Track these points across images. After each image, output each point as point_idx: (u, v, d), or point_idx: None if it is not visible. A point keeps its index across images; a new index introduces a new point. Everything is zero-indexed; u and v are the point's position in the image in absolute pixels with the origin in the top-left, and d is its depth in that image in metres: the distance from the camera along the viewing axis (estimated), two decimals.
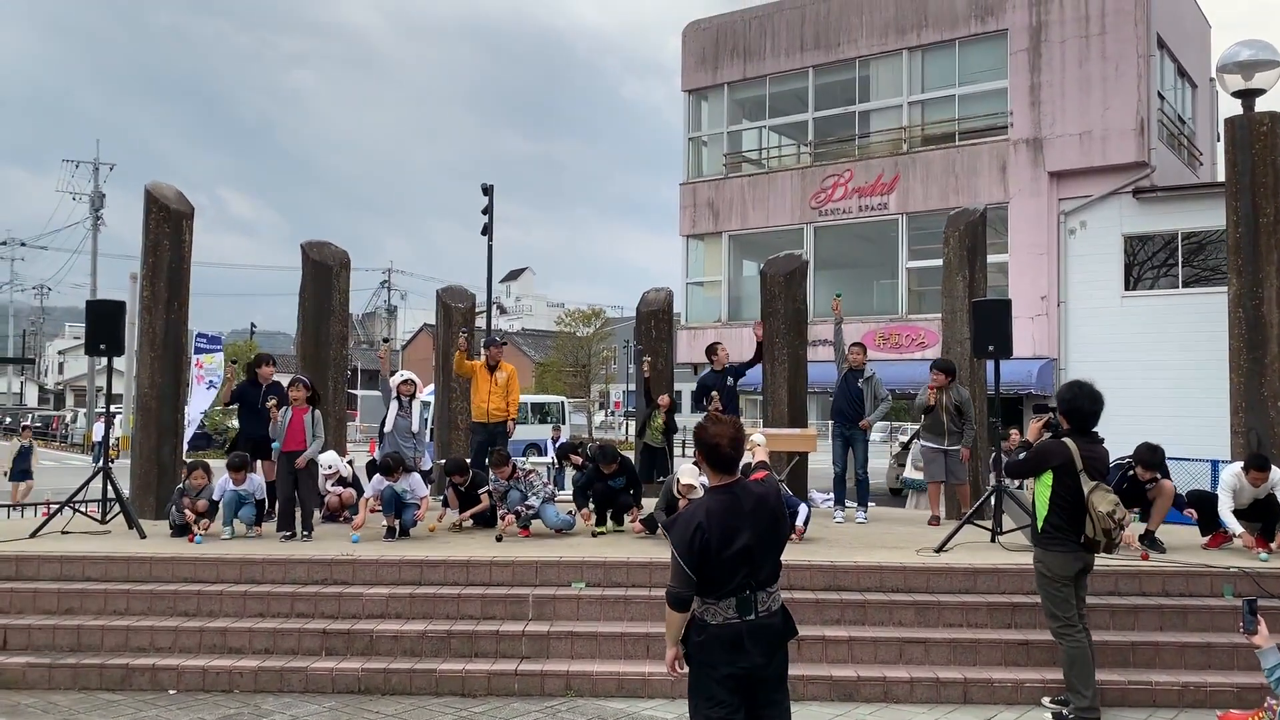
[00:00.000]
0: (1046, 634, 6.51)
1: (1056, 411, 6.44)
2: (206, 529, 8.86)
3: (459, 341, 11.26)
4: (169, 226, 10.74)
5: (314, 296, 11.75)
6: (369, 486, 9.40)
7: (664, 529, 8.18)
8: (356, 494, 10.26)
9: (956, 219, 11.67)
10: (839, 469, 10.65)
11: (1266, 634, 5.78)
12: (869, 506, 10.82)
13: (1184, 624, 7.23)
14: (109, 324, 9.62)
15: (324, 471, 9.94)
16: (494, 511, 9.47)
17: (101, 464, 9.59)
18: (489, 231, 28.20)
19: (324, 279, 11.77)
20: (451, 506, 9.89)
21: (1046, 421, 6.90)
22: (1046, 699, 6.51)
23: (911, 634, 7.13)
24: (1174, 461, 9.27)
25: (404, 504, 9.10)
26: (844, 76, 23.20)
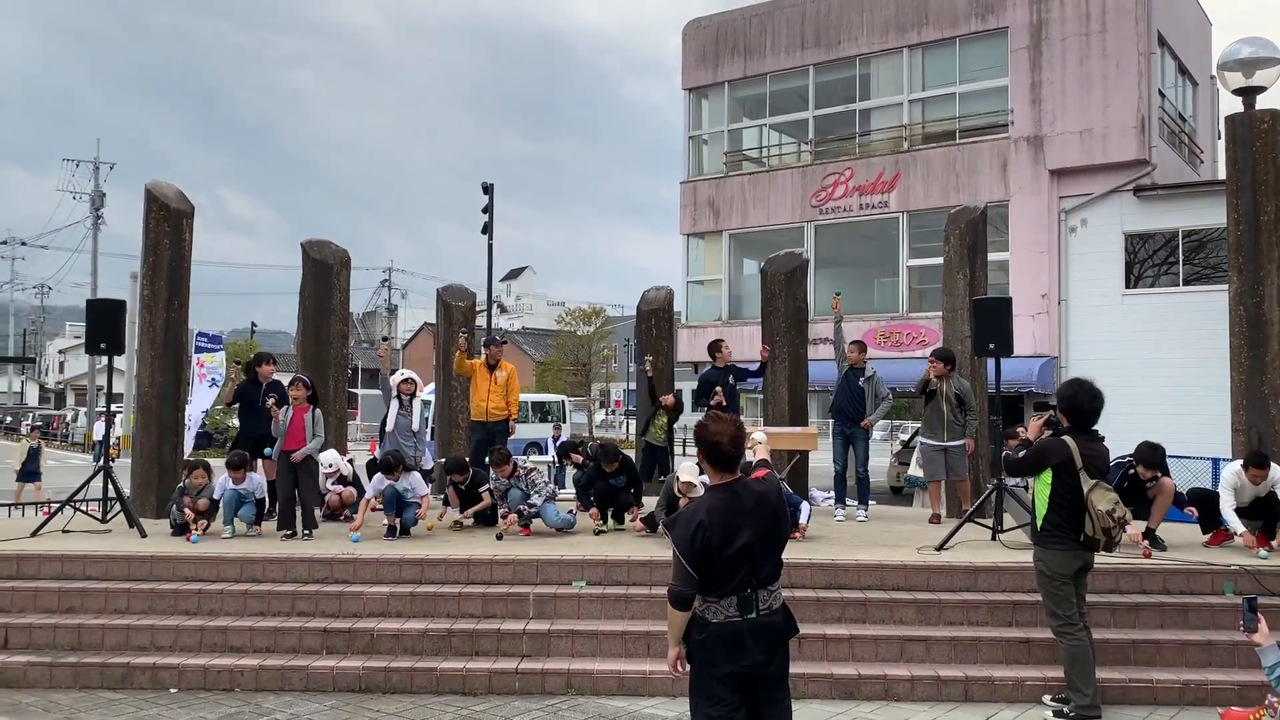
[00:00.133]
0: (1047, 632, 6.51)
1: (1057, 409, 6.44)
2: (206, 529, 8.87)
3: (459, 341, 11.26)
4: (169, 225, 10.74)
5: (314, 295, 11.75)
6: (370, 486, 9.40)
7: (665, 527, 8.17)
8: (357, 493, 10.26)
9: (957, 217, 11.66)
10: (840, 467, 10.65)
11: (1267, 632, 5.78)
12: (870, 505, 10.83)
13: (1185, 622, 7.24)
14: (109, 323, 9.62)
15: (324, 470, 9.94)
16: (495, 510, 9.48)
17: (102, 463, 9.59)
18: (489, 230, 28.21)
19: (324, 278, 11.77)
20: (452, 505, 9.89)
21: (1047, 419, 6.90)
22: (1047, 697, 6.51)
23: (912, 632, 7.13)
24: (1175, 460, 9.28)
25: (405, 503, 9.10)
26: (844, 74, 23.19)
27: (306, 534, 8.92)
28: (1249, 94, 10.37)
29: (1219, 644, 6.95)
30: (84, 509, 9.47)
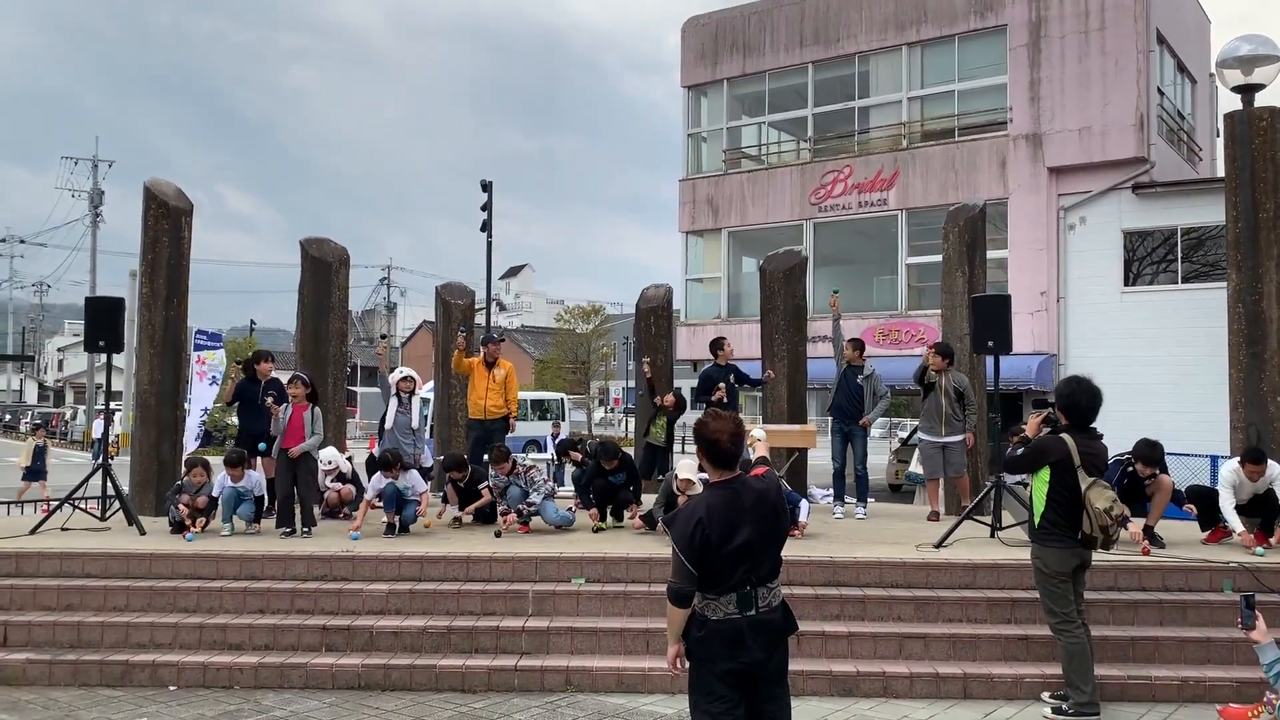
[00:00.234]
0: (1046, 629, 6.51)
1: (1055, 407, 6.44)
2: (204, 527, 8.87)
3: (458, 340, 11.26)
4: (168, 223, 10.73)
5: (313, 293, 11.75)
6: (370, 486, 9.40)
7: (664, 524, 8.18)
8: (356, 490, 10.27)
9: (956, 215, 11.67)
10: (838, 465, 10.66)
11: (1264, 629, 5.79)
12: (869, 502, 10.83)
13: (1183, 619, 7.25)
14: (108, 321, 9.62)
15: (324, 467, 9.95)
16: (494, 507, 9.48)
17: (101, 461, 9.59)
18: (488, 228, 28.21)
19: (323, 275, 11.76)
20: (451, 503, 9.89)
21: (1045, 417, 6.90)
22: (1046, 694, 6.51)
23: (911, 629, 7.13)
24: (1173, 457, 9.28)
25: (405, 500, 9.11)
26: (843, 72, 23.19)
27: (305, 532, 8.92)
28: (1248, 91, 10.36)
29: (1217, 641, 6.96)
30: (83, 507, 9.47)
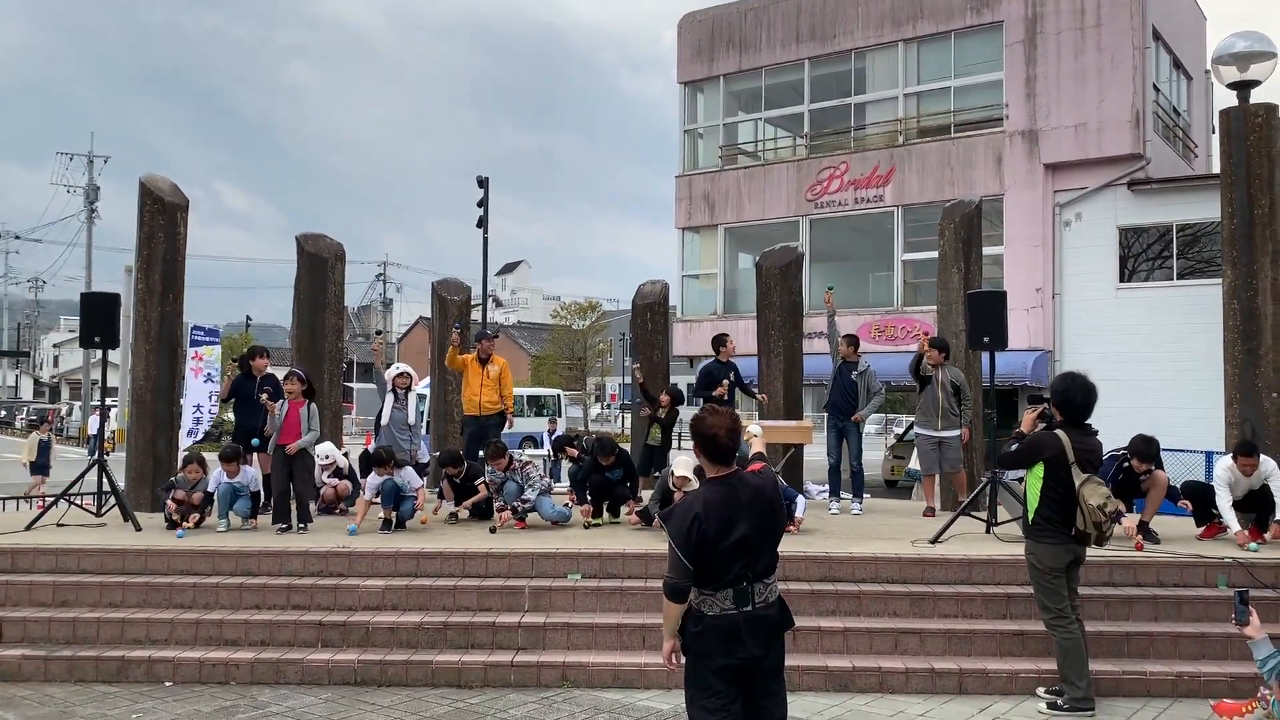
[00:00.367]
0: (1041, 625, 6.52)
1: (1050, 403, 6.45)
2: (200, 522, 8.86)
3: (451, 337, 11.26)
4: (164, 219, 10.71)
5: (309, 289, 11.73)
6: (366, 483, 9.38)
7: (661, 520, 8.18)
8: (352, 486, 10.26)
9: (952, 211, 11.67)
10: (834, 461, 10.67)
11: (1258, 624, 5.82)
12: (864, 498, 10.85)
13: (1178, 614, 7.26)
14: (104, 316, 9.61)
15: (320, 463, 9.94)
16: (490, 503, 9.47)
17: (97, 457, 9.58)
18: (484, 224, 28.14)
19: (319, 271, 11.75)
20: (447, 498, 9.89)
21: (1041, 413, 6.91)
22: (1041, 689, 6.53)
23: (906, 625, 7.15)
24: (1169, 453, 9.28)
25: (402, 496, 9.11)
26: (840, 68, 23.18)
27: (301, 527, 8.92)
28: (1243, 88, 10.37)
29: (1212, 636, 6.98)
30: (79, 502, 9.46)
